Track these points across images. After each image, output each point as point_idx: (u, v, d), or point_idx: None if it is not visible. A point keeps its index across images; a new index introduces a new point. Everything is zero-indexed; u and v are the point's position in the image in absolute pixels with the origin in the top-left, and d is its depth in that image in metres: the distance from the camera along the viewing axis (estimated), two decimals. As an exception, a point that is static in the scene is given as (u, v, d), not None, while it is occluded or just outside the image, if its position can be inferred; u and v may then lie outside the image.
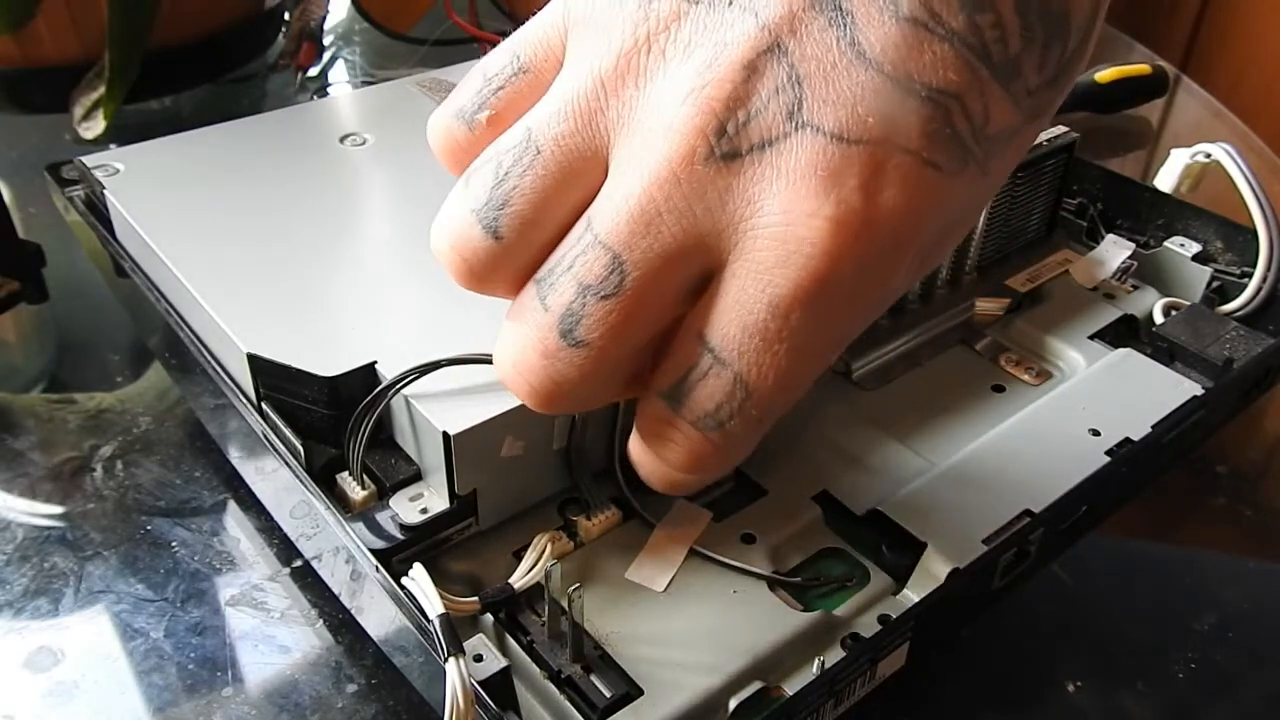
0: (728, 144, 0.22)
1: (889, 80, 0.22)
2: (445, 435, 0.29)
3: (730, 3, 0.23)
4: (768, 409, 0.24)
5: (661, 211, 0.23)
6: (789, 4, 0.22)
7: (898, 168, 0.22)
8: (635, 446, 0.26)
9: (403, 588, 0.27)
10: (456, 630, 0.26)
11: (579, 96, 0.24)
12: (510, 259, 0.25)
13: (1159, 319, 0.41)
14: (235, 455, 0.40)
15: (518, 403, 0.30)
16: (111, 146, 0.44)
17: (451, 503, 0.30)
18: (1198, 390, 0.37)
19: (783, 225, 0.22)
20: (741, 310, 0.23)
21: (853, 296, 0.23)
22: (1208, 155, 0.44)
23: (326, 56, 0.72)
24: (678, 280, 0.23)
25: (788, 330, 0.23)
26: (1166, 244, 0.44)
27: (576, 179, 0.24)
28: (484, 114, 0.26)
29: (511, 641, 0.29)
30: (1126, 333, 0.41)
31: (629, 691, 0.27)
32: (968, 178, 0.23)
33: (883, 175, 0.22)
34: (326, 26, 0.71)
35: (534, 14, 0.27)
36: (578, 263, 0.23)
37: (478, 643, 0.28)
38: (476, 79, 0.27)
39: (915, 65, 0.22)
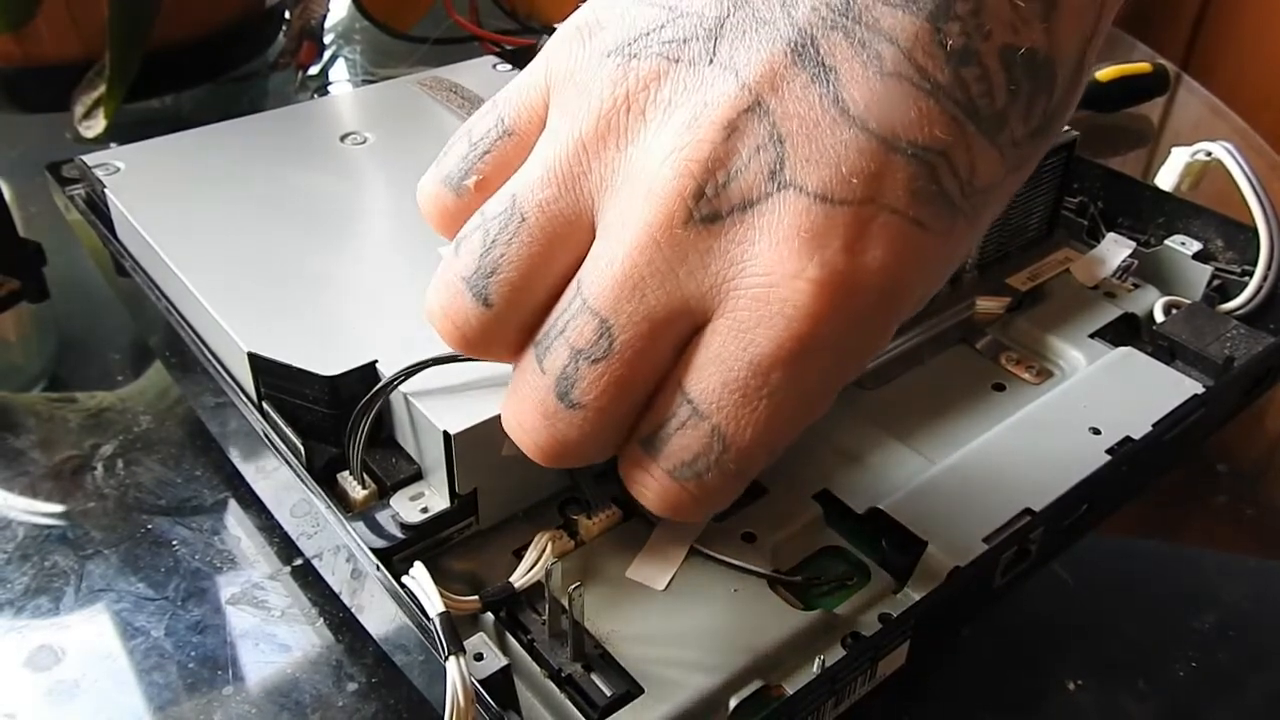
0: (707, 206, 0.22)
1: (874, 138, 0.22)
2: (446, 434, 0.29)
3: (711, 61, 0.23)
4: (746, 463, 0.24)
5: (645, 276, 0.23)
6: (770, 61, 0.22)
7: (884, 228, 0.22)
8: (628, 484, 0.26)
9: (403, 586, 0.27)
10: (457, 629, 0.26)
11: (561, 160, 0.24)
12: (502, 326, 0.25)
13: (1160, 317, 0.41)
14: (236, 454, 0.40)
15: (518, 402, 0.30)
16: (112, 145, 0.44)
17: (452, 502, 0.30)
18: (1198, 389, 0.37)
19: (765, 286, 0.22)
20: (722, 367, 0.23)
21: (836, 355, 0.23)
22: (1208, 154, 0.44)
23: (327, 55, 0.72)
24: (666, 341, 0.23)
25: (768, 388, 0.23)
26: (1167, 242, 0.43)
27: (564, 243, 0.24)
28: (471, 180, 0.26)
29: (512, 640, 0.29)
30: (1127, 331, 0.41)
31: (629, 690, 0.27)
32: (955, 233, 0.23)
33: (868, 236, 0.22)
34: (327, 25, 0.70)
35: (534, 13, 0.27)
36: (569, 327, 0.24)
37: (478, 641, 0.28)
38: (462, 143, 0.27)
39: (901, 122, 0.22)
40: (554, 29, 0.62)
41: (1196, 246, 0.43)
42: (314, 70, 0.69)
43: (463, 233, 0.25)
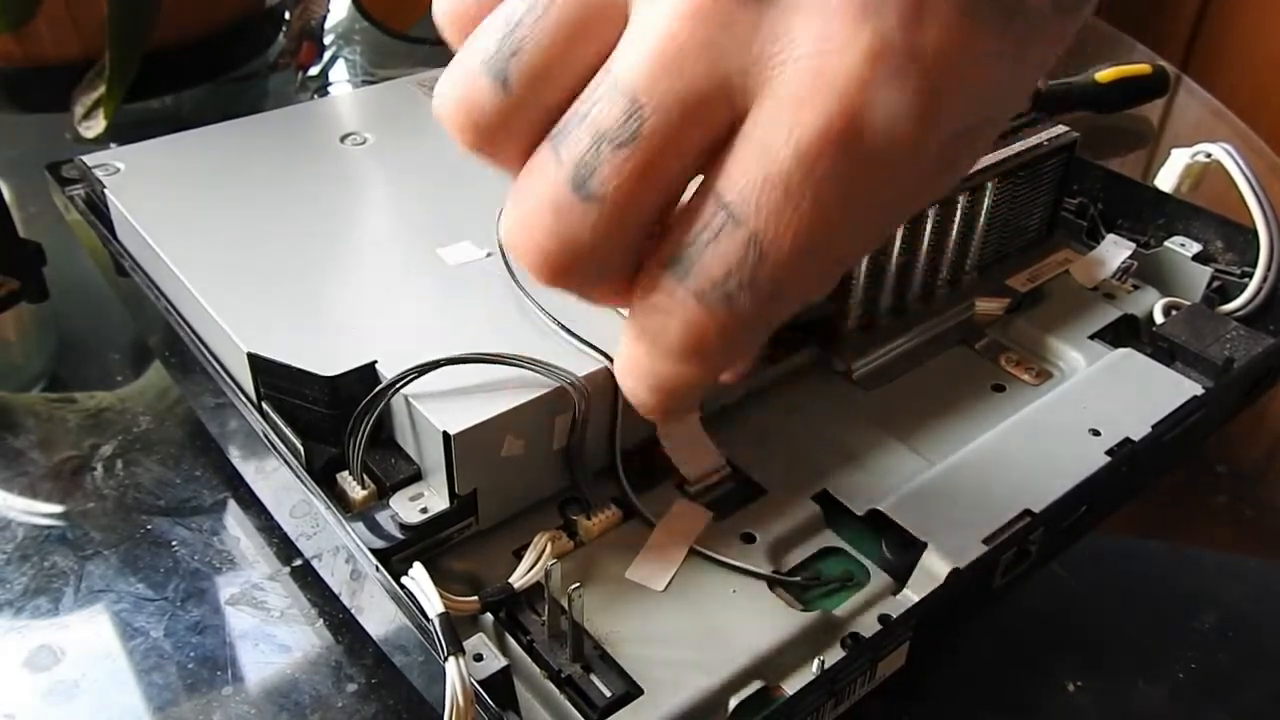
0: None
1: None
2: (445, 435, 0.29)
3: None
4: (780, 281, 0.22)
5: (685, 48, 0.21)
6: None
7: (937, 9, 0.20)
8: (623, 355, 0.24)
9: (403, 587, 0.27)
10: (456, 629, 0.26)
11: None
12: (520, 113, 0.23)
13: (1159, 319, 0.41)
14: (235, 454, 0.40)
15: (518, 402, 0.30)
16: (112, 145, 0.44)
17: (451, 502, 0.30)
18: (1198, 390, 0.37)
19: (816, 55, 0.20)
20: (764, 157, 0.21)
21: (884, 152, 0.21)
22: (1208, 155, 0.44)
23: (327, 56, 0.72)
24: (698, 128, 0.22)
25: (813, 180, 0.21)
26: (1167, 244, 0.43)
27: (594, 28, 0.22)
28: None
29: (511, 641, 0.29)
30: (1127, 332, 0.41)
31: (629, 691, 0.27)
32: (1004, 48, 0.22)
33: (923, 10, 0.20)
34: (327, 26, 0.70)
35: None
36: (594, 110, 0.22)
37: (478, 642, 0.28)
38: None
39: None
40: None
41: (1196, 248, 0.43)
42: (314, 71, 0.69)
43: (484, 22, 0.23)
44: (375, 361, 0.32)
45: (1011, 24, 0.22)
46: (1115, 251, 0.44)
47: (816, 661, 0.28)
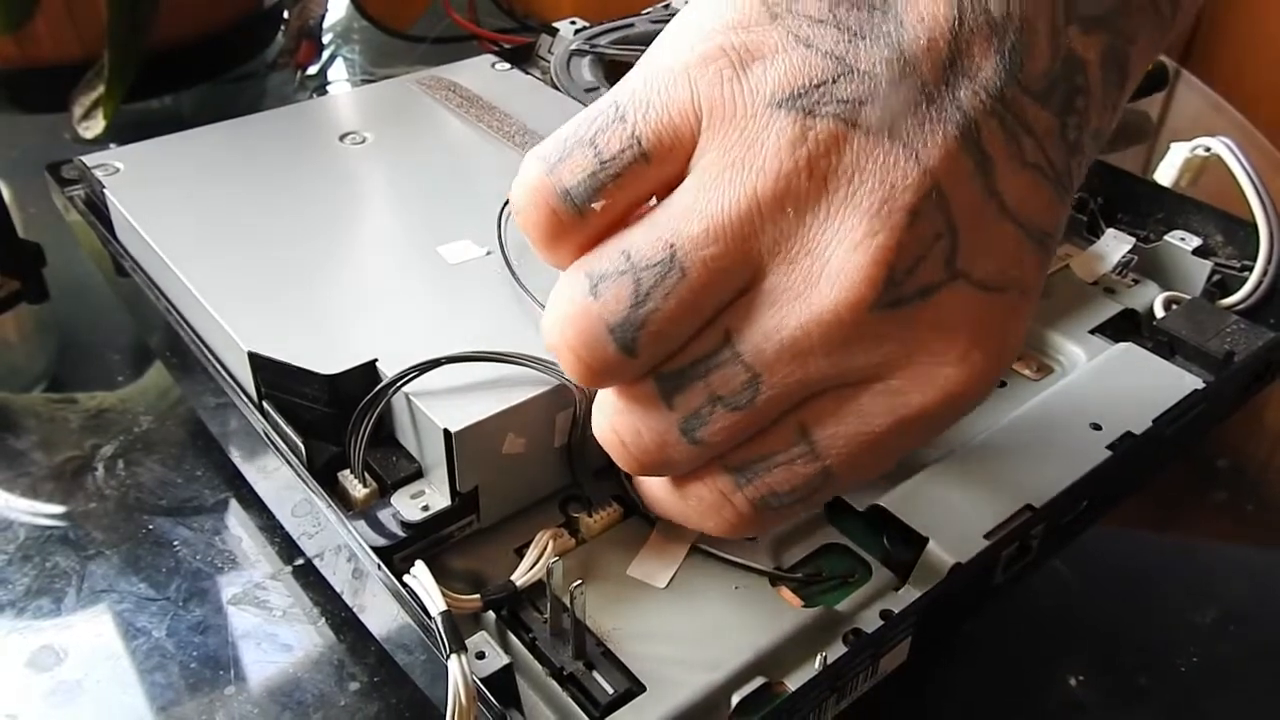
0: (895, 292, 0.22)
1: (1020, 229, 0.23)
2: (446, 432, 0.29)
3: (888, 134, 0.22)
4: (828, 495, 0.26)
5: (815, 349, 0.23)
6: (946, 146, 0.22)
7: (1020, 309, 0.24)
8: (658, 491, 0.27)
9: (404, 585, 0.27)
10: (458, 628, 0.26)
11: (732, 218, 0.23)
12: (637, 370, 0.25)
13: (1159, 313, 0.41)
14: (236, 454, 0.40)
15: (519, 400, 0.30)
16: (111, 146, 0.44)
17: (453, 500, 0.30)
18: (1198, 384, 0.37)
19: (930, 366, 0.23)
20: (862, 421, 0.24)
21: (954, 420, 0.25)
22: (1207, 149, 0.44)
23: (326, 55, 0.72)
24: (804, 398, 0.24)
25: (894, 443, 0.24)
26: (1167, 238, 0.43)
27: (718, 296, 0.24)
28: (599, 203, 0.24)
29: (513, 639, 0.29)
30: (1127, 327, 0.41)
31: (631, 688, 0.27)
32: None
33: (1016, 319, 0.24)
34: (325, 24, 0.71)
35: (531, 12, 0.26)
36: (714, 375, 0.24)
37: (480, 640, 0.28)
38: (586, 154, 0.24)
39: (1034, 211, 0.23)
40: (552, 27, 0.62)
41: (1196, 242, 0.43)
42: (313, 70, 0.69)
43: (602, 271, 0.24)
44: (376, 360, 0.32)
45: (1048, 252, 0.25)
46: (1115, 246, 0.44)
47: (819, 657, 0.28)
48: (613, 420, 0.26)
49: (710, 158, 0.23)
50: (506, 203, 0.39)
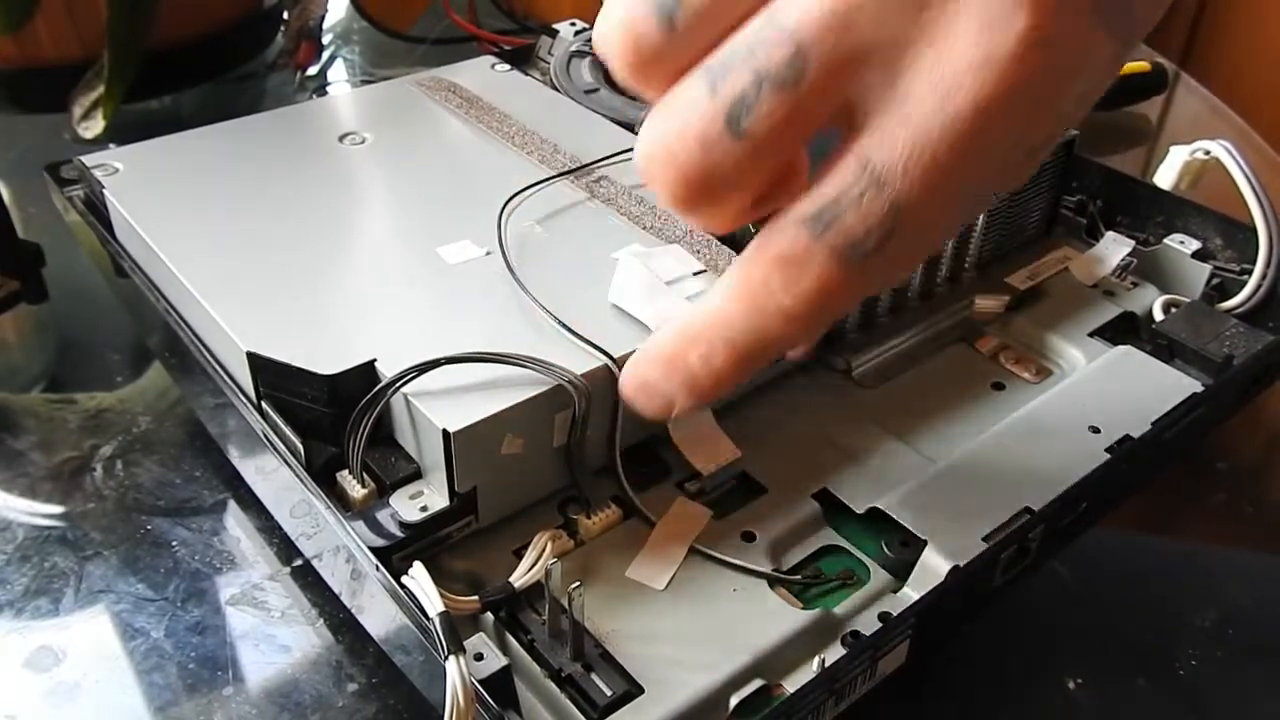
0: None
1: None
2: (445, 433, 0.29)
3: None
4: (906, 247, 0.24)
5: (857, 9, 0.22)
6: None
7: (1079, 4, 0.22)
8: (709, 313, 0.25)
9: (403, 586, 0.27)
10: (457, 629, 0.26)
11: None
12: (681, 49, 0.24)
13: (1159, 316, 0.41)
14: (235, 454, 0.40)
15: (518, 400, 0.30)
16: (111, 146, 0.44)
17: (451, 501, 0.30)
18: (1197, 387, 0.37)
19: (982, 31, 0.21)
20: (916, 126, 0.22)
21: (1019, 134, 0.23)
22: (1207, 152, 0.44)
23: (325, 55, 0.72)
24: (851, 85, 0.23)
25: (958, 152, 0.22)
26: (1166, 241, 0.43)
27: None
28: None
29: (512, 640, 0.29)
30: (1126, 330, 0.41)
31: (629, 690, 0.27)
32: (1115, 38, 0.23)
33: (1065, 4, 0.22)
34: (325, 25, 0.71)
35: (531, 13, 0.26)
36: (758, 50, 0.23)
37: (478, 641, 0.28)
38: None
39: None
40: (551, 28, 0.62)
41: (1195, 245, 0.43)
42: (312, 70, 0.69)
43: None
44: (375, 360, 0.32)
45: (1122, 22, 0.23)
46: (1114, 249, 0.44)
47: (817, 660, 0.28)
48: (650, 132, 0.24)
49: None
50: (506, 203, 0.39)
